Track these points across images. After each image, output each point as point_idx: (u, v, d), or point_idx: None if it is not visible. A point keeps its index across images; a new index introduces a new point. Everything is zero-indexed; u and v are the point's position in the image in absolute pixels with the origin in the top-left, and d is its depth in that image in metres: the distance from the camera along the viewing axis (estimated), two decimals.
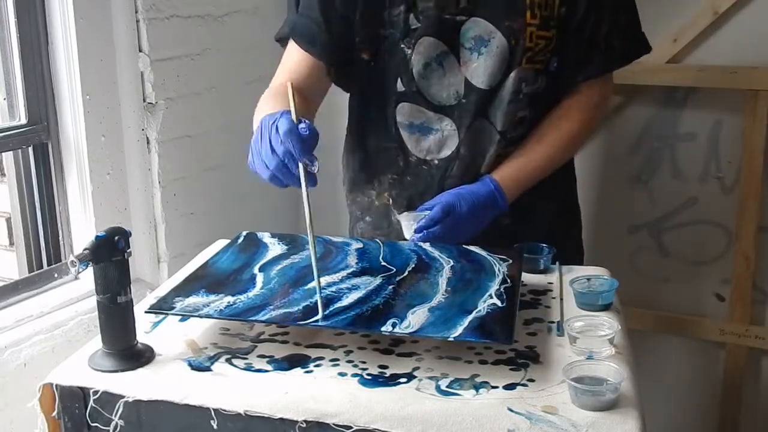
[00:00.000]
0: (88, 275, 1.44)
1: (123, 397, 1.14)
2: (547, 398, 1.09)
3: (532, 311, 1.35)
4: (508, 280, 1.30)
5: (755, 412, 2.26)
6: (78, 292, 1.92)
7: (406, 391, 1.11)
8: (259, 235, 1.52)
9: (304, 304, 1.22)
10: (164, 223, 2.09)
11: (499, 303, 1.22)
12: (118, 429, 1.15)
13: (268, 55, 2.12)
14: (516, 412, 1.06)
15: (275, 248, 1.45)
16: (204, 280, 1.32)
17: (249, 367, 1.17)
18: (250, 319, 1.20)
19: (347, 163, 1.73)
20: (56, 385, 1.16)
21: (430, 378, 1.14)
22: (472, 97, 1.55)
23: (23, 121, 1.86)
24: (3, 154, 1.89)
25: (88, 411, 1.15)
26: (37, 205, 1.92)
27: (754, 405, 2.26)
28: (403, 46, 1.54)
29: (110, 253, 1.16)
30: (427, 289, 1.27)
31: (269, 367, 1.17)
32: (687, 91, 2.15)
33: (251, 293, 1.26)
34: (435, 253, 1.42)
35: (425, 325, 1.15)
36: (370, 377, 1.14)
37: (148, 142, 2.04)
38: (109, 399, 1.14)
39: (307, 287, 1.28)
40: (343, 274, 1.33)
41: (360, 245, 1.46)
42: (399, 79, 1.57)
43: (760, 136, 2.05)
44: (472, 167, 1.59)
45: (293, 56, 1.60)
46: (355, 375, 1.15)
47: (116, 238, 1.16)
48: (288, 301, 1.23)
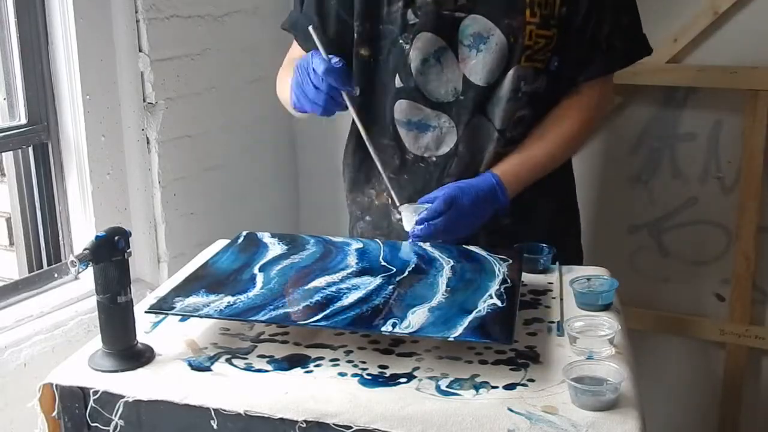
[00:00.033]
0: (88, 275, 1.44)
1: (123, 397, 1.14)
2: (547, 398, 1.09)
3: (532, 311, 1.35)
4: (508, 280, 1.30)
5: (755, 412, 2.26)
6: (78, 292, 1.92)
7: (406, 391, 1.11)
8: (259, 235, 1.52)
9: (304, 304, 1.22)
10: (164, 223, 2.09)
11: (499, 303, 1.22)
12: (118, 429, 1.15)
13: (268, 55, 2.13)
14: (516, 412, 1.06)
15: (275, 248, 1.45)
16: (204, 280, 1.32)
17: (249, 367, 1.17)
18: (250, 319, 1.20)
19: (347, 163, 1.73)
20: (56, 385, 1.16)
21: (430, 378, 1.14)
22: (470, 94, 1.55)
23: (23, 121, 1.86)
24: (3, 154, 1.89)
25: (88, 411, 1.15)
26: (37, 205, 1.92)
27: (754, 405, 2.26)
28: (401, 41, 1.55)
29: (110, 253, 1.16)
30: (427, 289, 1.27)
31: (269, 367, 1.17)
32: (687, 91, 2.14)
33: (251, 293, 1.26)
34: (435, 253, 1.42)
35: (425, 325, 1.15)
36: (370, 377, 1.14)
37: (148, 142, 2.03)
38: (109, 399, 1.14)
39: (307, 287, 1.28)
40: (343, 274, 1.33)
41: (360, 245, 1.46)
42: (397, 75, 1.57)
43: (760, 136, 2.05)
44: (472, 165, 1.58)
45: (298, 48, 1.67)
46: (355, 375, 1.15)
47: (116, 238, 1.16)
48: (288, 301, 1.23)
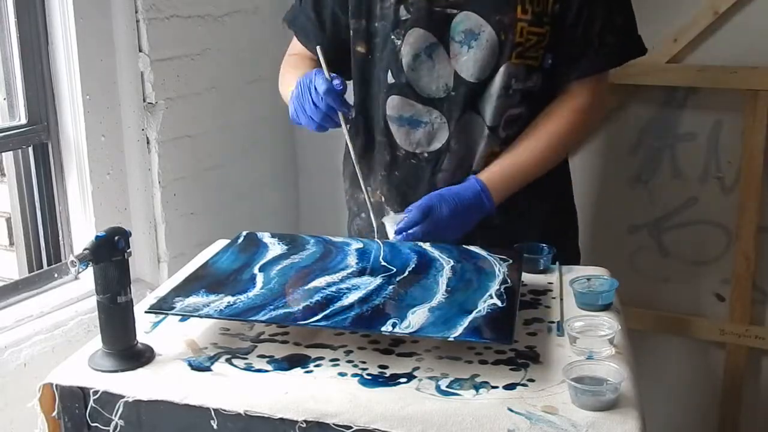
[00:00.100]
0: (88, 275, 1.44)
1: (123, 397, 1.14)
2: (547, 398, 1.09)
3: (532, 311, 1.35)
4: (508, 280, 1.30)
5: (755, 412, 2.26)
6: (78, 292, 1.92)
7: (406, 391, 1.11)
8: (259, 235, 1.52)
9: (304, 304, 1.22)
10: (164, 223, 2.09)
11: (499, 303, 1.22)
12: (118, 429, 1.15)
13: (268, 55, 2.13)
14: (516, 412, 1.06)
15: (275, 248, 1.45)
16: (204, 280, 1.32)
17: (249, 367, 1.17)
18: (250, 319, 1.20)
19: (347, 160, 1.73)
20: (56, 385, 1.16)
21: (430, 378, 1.14)
22: (462, 89, 1.55)
23: (23, 121, 1.86)
24: (3, 154, 1.89)
25: (88, 411, 1.15)
26: (37, 205, 1.92)
27: (754, 405, 2.25)
28: (393, 37, 1.56)
29: (110, 253, 1.16)
30: (427, 289, 1.27)
31: (269, 367, 1.17)
32: (687, 91, 2.14)
33: (251, 293, 1.26)
34: (435, 254, 1.42)
35: (425, 325, 1.15)
36: (370, 377, 1.14)
37: (148, 142, 2.03)
38: (109, 399, 1.14)
39: (307, 287, 1.28)
40: (343, 274, 1.33)
41: (360, 245, 1.46)
42: (389, 71, 1.58)
43: (760, 136, 2.04)
44: (464, 161, 1.59)
45: (298, 44, 1.74)
46: (355, 375, 1.15)
47: (116, 238, 1.16)
48: (288, 301, 1.23)
